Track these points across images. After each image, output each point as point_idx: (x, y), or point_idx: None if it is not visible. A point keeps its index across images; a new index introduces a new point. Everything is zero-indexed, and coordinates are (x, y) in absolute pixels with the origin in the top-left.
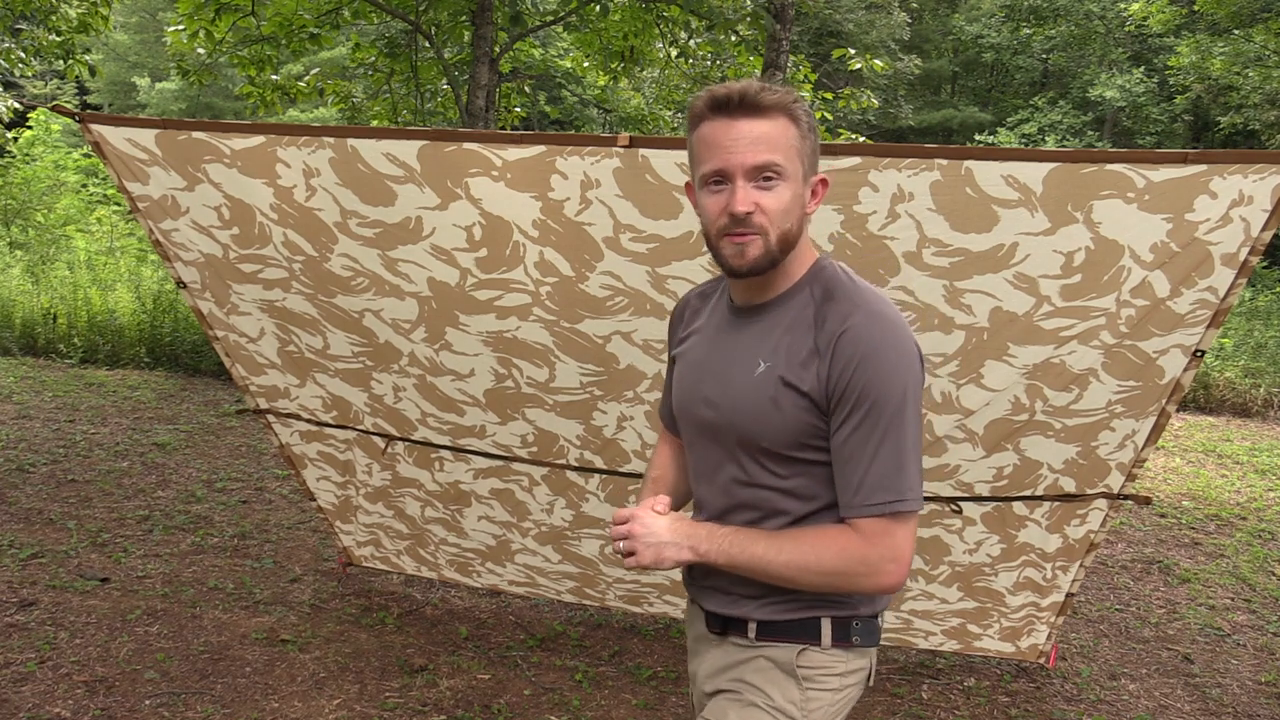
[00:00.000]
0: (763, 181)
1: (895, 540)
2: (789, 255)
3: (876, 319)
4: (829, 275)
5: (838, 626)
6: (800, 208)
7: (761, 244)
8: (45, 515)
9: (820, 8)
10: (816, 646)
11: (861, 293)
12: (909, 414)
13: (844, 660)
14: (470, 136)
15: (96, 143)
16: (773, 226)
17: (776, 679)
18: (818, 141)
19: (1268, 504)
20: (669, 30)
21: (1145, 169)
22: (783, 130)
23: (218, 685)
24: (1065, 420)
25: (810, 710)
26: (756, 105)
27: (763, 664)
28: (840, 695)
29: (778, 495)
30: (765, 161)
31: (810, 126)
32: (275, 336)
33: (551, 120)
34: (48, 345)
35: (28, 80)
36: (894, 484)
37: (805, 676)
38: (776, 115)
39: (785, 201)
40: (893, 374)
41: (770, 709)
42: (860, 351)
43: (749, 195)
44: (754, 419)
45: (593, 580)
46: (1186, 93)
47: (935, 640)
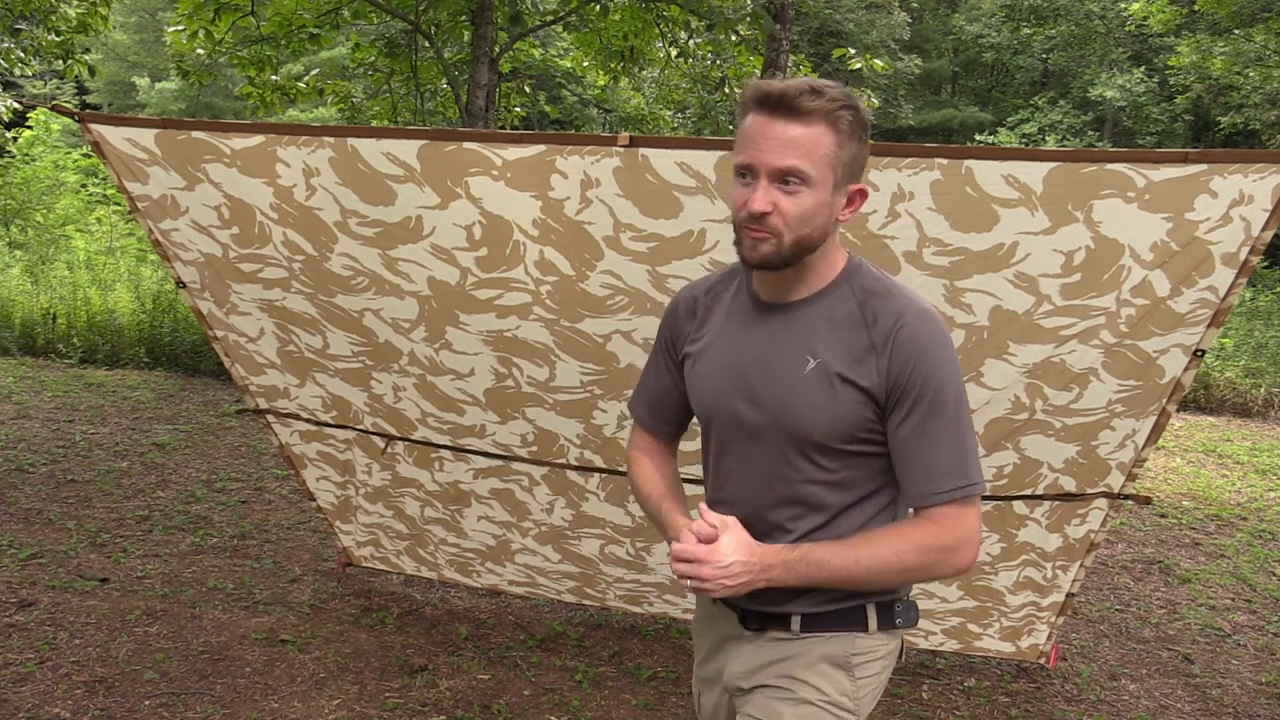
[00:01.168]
0: (785, 185)
1: (967, 523)
2: (812, 256)
3: (926, 316)
4: (866, 274)
5: (882, 611)
6: (824, 215)
7: (774, 245)
8: (45, 515)
9: (820, 8)
10: (864, 633)
11: (904, 290)
12: (963, 399)
13: (885, 643)
14: (470, 136)
15: (96, 142)
16: (788, 230)
17: (827, 672)
18: (862, 149)
19: (1268, 504)
20: (669, 30)
21: (1145, 168)
22: (818, 137)
23: (217, 685)
24: (1065, 419)
25: (861, 698)
26: (795, 109)
27: (812, 658)
28: (882, 677)
29: (822, 489)
30: (790, 166)
31: (854, 134)
32: (275, 336)
33: (551, 120)
34: (47, 345)
35: (27, 80)
36: (962, 469)
37: (856, 665)
38: (815, 121)
39: (805, 208)
40: (949, 367)
41: (825, 704)
42: (919, 346)
43: (769, 196)
44: (809, 415)
45: (593, 580)
46: (1187, 92)
47: (935, 640)
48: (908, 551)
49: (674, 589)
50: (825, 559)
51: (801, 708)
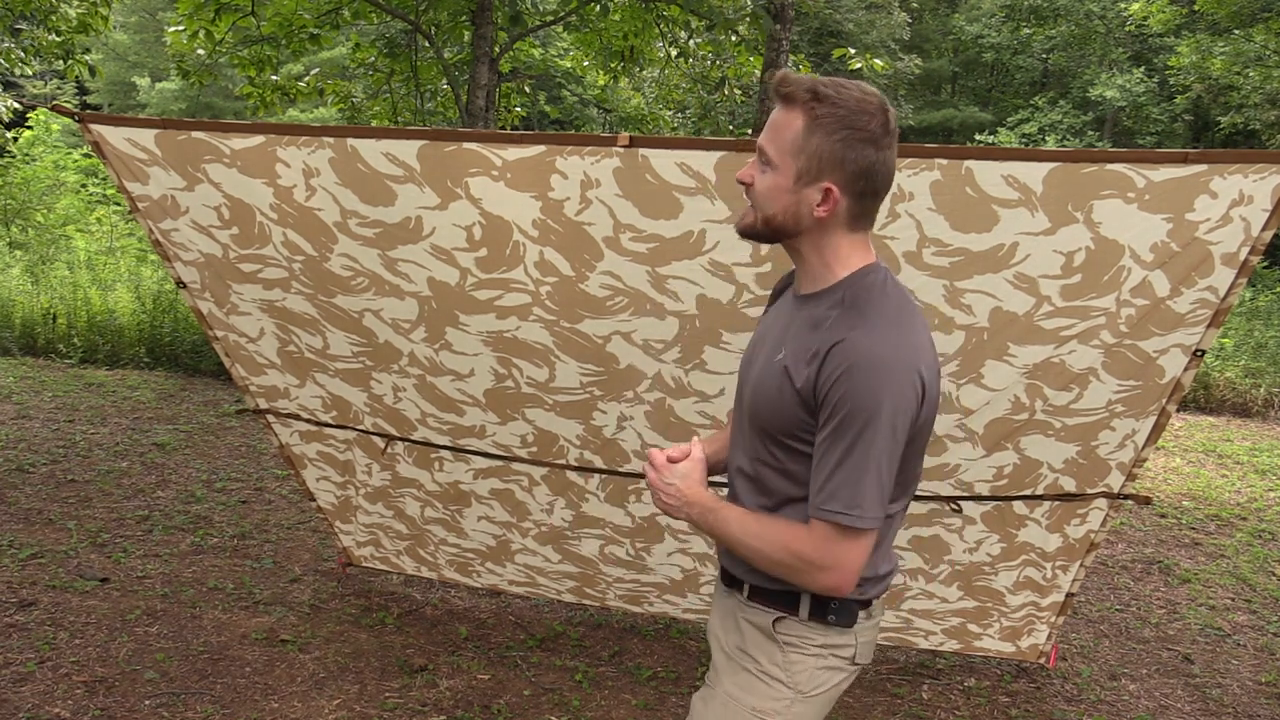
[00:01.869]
0: (759, 163)
1: (838, 550)
2: (803, 248)
3: (875, 337)
4: (863, 284)
5: (816, 603)
6: (785, 201)
7: (752, 216)
8: (45, 515)
9: (820, 8)
10: (795, 617)
11: (877, 308)
12: (880, 433)
13: (822, 633)
14: (470, 136)
15: (96, 143)
16: (758, 206)
17: (761, 643)
18: (850, 149)
19: (1268, 504)
20: (669, 30)
21: (1145, 169)
22: (787, 123)
23: (217, 685)
24: (1065, 420)
25: (794, 671)
26: (780, 94)
27: (749, 628)
28: (825, 663)
29: (773, 474)
30: (759, 145)
31: (826, 128)
32: (275, 336)
33: (551, 120)
34: (47, 345)
35: (28, 80)
36: (846, 496)
37: (786, 642)
38: (792, 108)
39: (765, 187)
40: (870, 391)
41: (758, 672)
42: (846, 363)
43: (750, 170)
44: (763, 404)
45: (593, 580)
46: (1187, 93)
47: (935, 640)
48: (781, 549)
49: (674, 589)
50: (726, 521)
51: (740, 675)
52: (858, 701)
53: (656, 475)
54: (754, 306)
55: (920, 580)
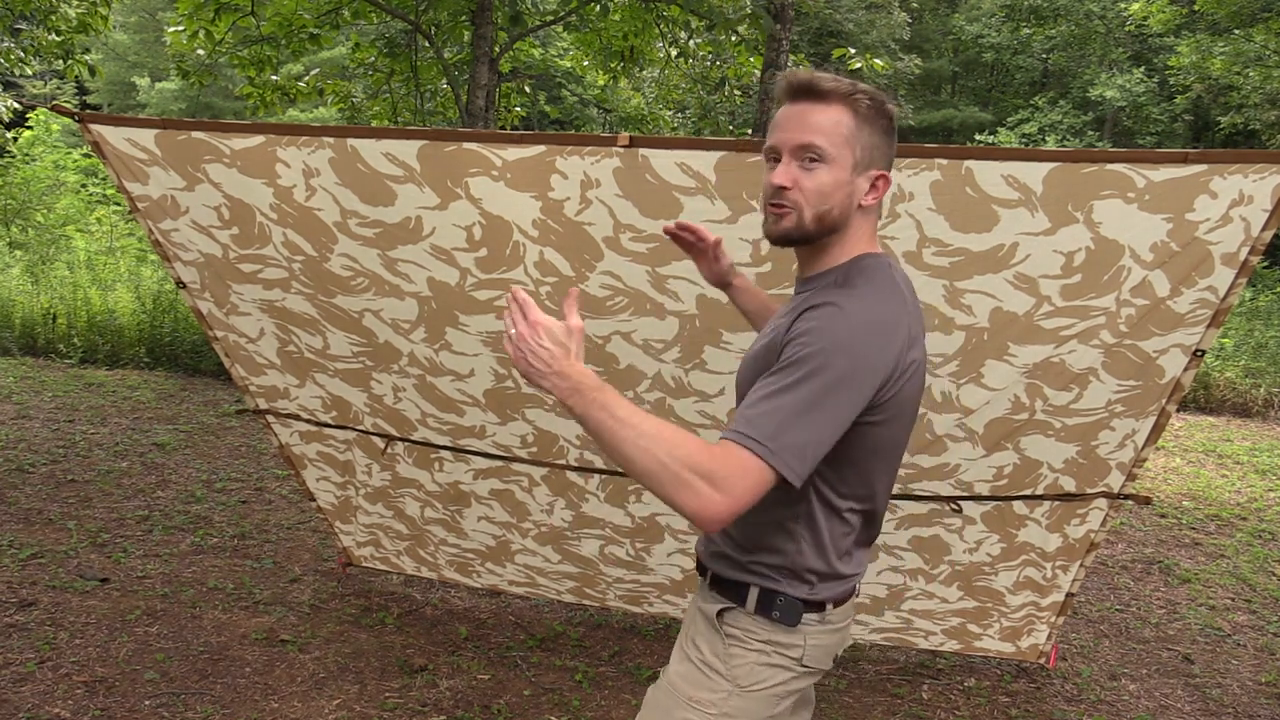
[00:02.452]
0: (806, 162)
1: (732, 476)
2: (831, 237)
3: (845, 308)
4: (858, 268)
5: (763, 597)
6: (843, 194)
7: (794, 219)
8: (45, 515)
9: (820, 8)
10: (741, 609)
11: (860, 290)
12: (826, 383)
13: (768, 629)
14: (470, 136)
15: (96, 143)
16: (808, 205)
17: (706, 633)
18: (885, 139)
19: (1268, 504)
20: (669, 30)
21: (1145, 169)
22: (836, 117)
23: (217, 685)
24: (1065, 419)
25: (733, 665)
26: (815, 91)
27: (699, 617)
28: (768, 659)
29: None
30: (808, 142)
31: (873, 120)
32: (275, 336)
33: (551, 120)
34: (47, 345)
35: (27, 80)
36: (766, 428)
37: (729, 634)
38: (833, 102)
39: (824, 184)
40: (829, 338)
41: (699, 662)
42: (815, 313)
43: (789, 172)
44: (743, 380)
45: (593, 580)
46: (1187, 93)
47: (935, 640)
48: (669, 453)
49: (674, 589)
50: (611, 405)
51: (683, 665)
52: (857, 701)
53: (528, 329)
54: None
55: (920, 580)
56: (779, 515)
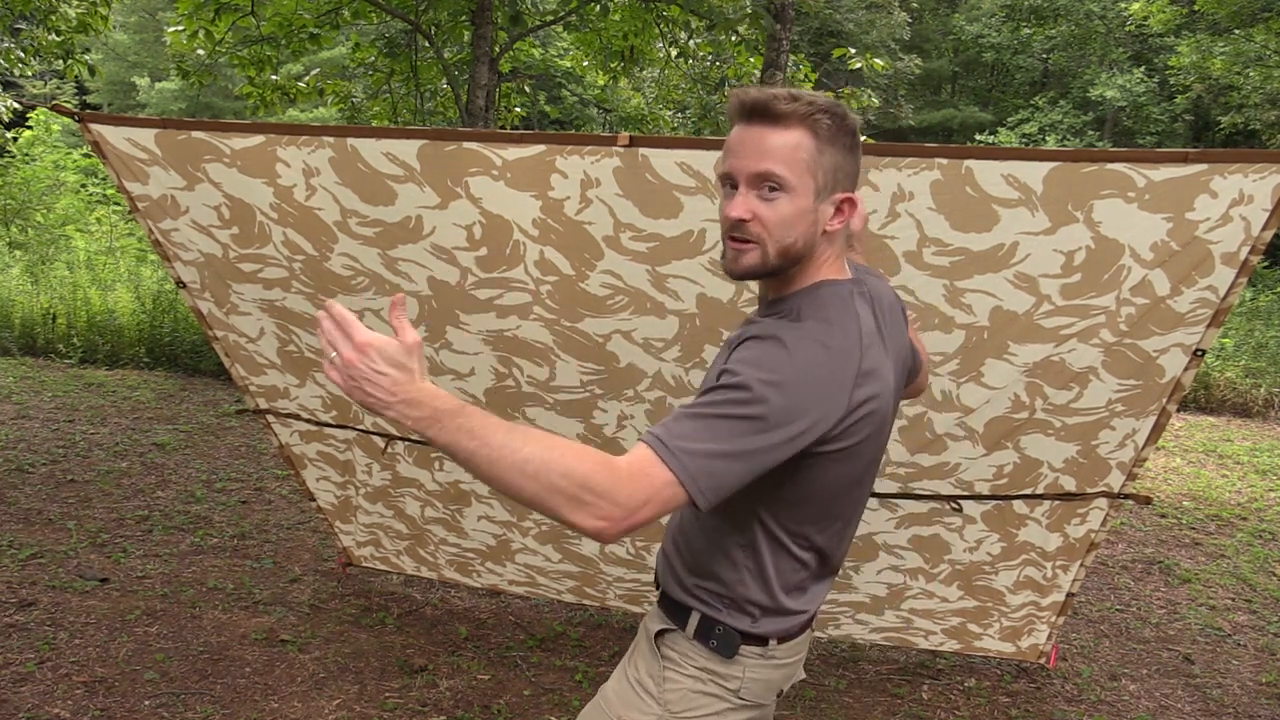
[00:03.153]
0: (765, 191)
1: (630, 478)
2: (795, 268)
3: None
4: (812, 299)
5: (703, 623)
6: (807, 223)
7: (758, 254)
8: (45, 515)
9: (820, 8)
10: (681, 633)
11: (807, 325)
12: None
13: (704, 656)
14: (470, 136)
15: (96, 142)
16: (770, 239)
17: (645, 652)
18: (847, 157)
19: (1268, 504)
20: (669, 30)
21: (1145, 168)
22: (796, 142)
23: (217, 685)
24: (1065, 419)
25: (666, 689)
26: (770, 113)
27: (642, 636)
28: (703, 687)
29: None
30: (764, 170)
31: (835, 140)
32: (275, 336)
33: (551, 120)
34: (47, 345)
35: (27, 80)
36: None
37: (665, 656)
38: (792, 126)
39: (785, 215)
40: (755, 380)
41: (634, 681)
42: (746, 354)
43: (748, 203)
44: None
45: (593, 580)
46: (1187, 92)
47: (935, 640)
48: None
49: None
50: (484, 431)
51: (620, 682)
52: (857, 701)
53: (354, 353)
54: (754, 305)
55: (920, 580)
56: (723, 543)
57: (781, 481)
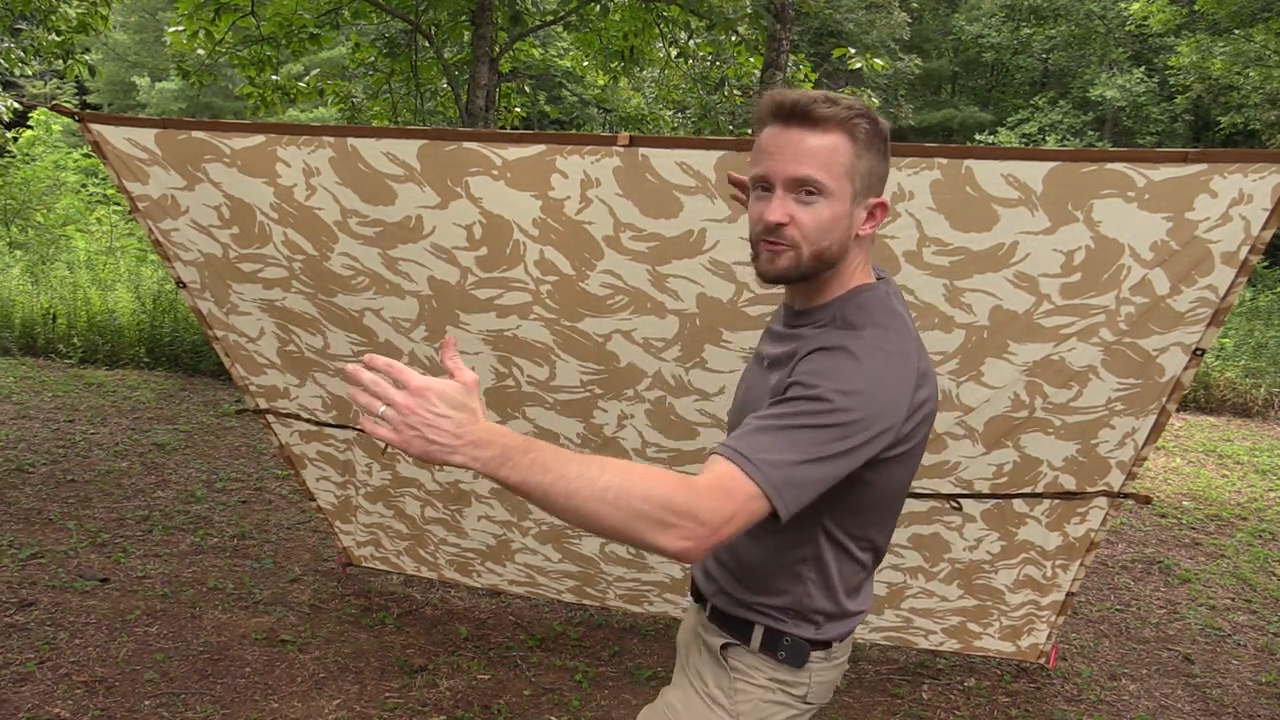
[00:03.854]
0: (803, 195)
1: (714, 498)
2: (829, 272)
3: (857, 354)
4: (857, 305)
5: (768, 636)
6: (843, 228)
7: (793, 257)
8: (45, 515)
9: (820, 8)
10: (745, 646)
11: (866, 332)
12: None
13: (772, 667)
14: (470, 136)
15: (96, 142)
16: (806, 242)
17: (710, 665)
18: (881, 161)
19: (1268, 504)
20: (669, 30)
21: (1145, 168)
22: (834, 146)
23: (217, 685)
24: (1065, 418)
25: (738, 700)
26: (810, 117)
27: (704, 650)
28: (773, 697)
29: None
30: (805, 175)
31: (871, 145)
32: (275, 336)
33: (551, 120)
34: (47, 345)
35: (27, 80)
36: (755, 445)
37: (734, 669)
38: (831, 130)
39: (823, 219)
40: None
41: (703, 694)
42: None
43: (785, 207)
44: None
45: (593, 579)
46: (1187, 92)
47: (935, 639)
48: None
49: (674, 587)
50: (558, 464)
51: (686, 692)
52: (857, 701)
53: (411, 399)
54: (754, 305)
55: (920, 579)
56: (785, 558)
57: (850, 488)
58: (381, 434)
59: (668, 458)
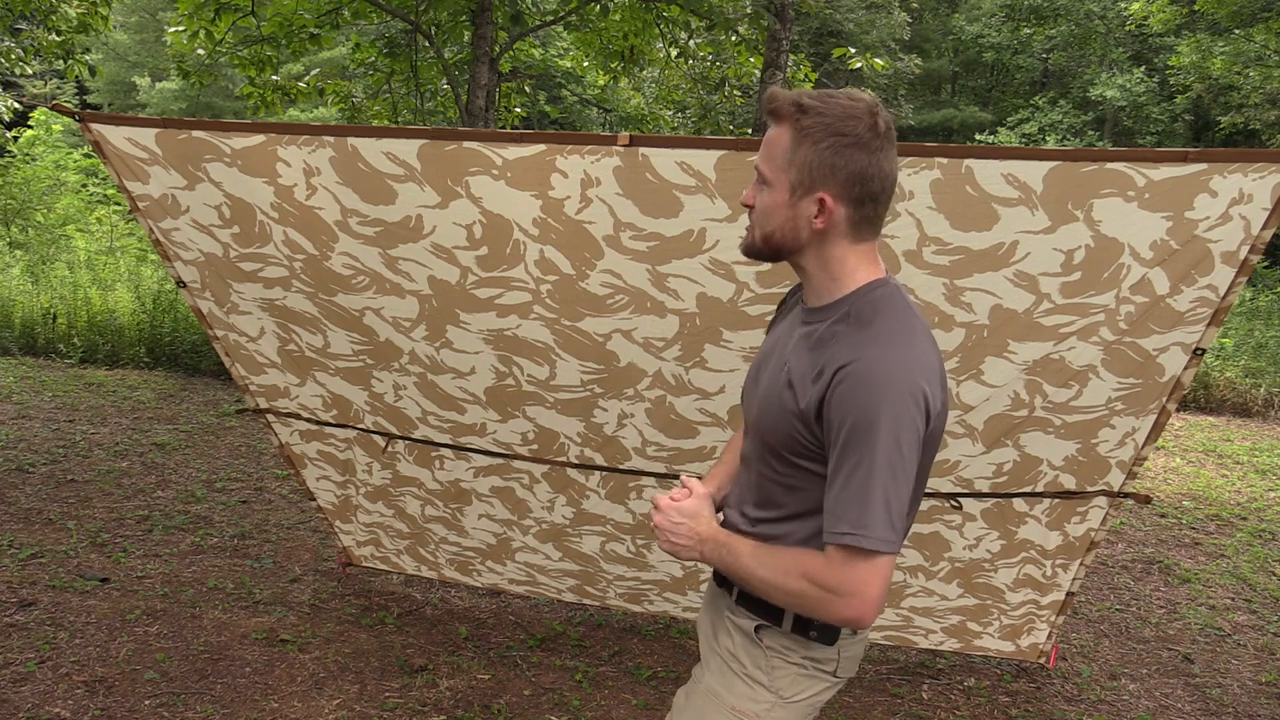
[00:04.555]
0: (759, 183)
1: (855, 574)
2: (805, 264)
3: (879, 354)
4: (868, 300)
5: (799, 619)
6: (782, 216)
7: (749, 237)
8: (45, 515)
9: (820, 7)
10: (778, 628)
11: (883, 325)
12: (884, 451)
13: (803, 646)
14: (470, 135)
15: (96, 142)
16: (757, 225)
17: (747, 647)
18: (838, 155)
19: (1268, 504)
20: (669, 30)
21: (1145, 168)
22: (776, 138)
23: (217, 685)
24: (1065, 417)
25: (776, 676)
26: (769, 111)
27: (736, 631)
28: (807, 671)
29: (779, 489)
30: (756, 163)
31: (816, 137)
32: (275, 335)
33: (551, 120)
34: (47, 345)
35: (28, 80)
36: (853, 517)
37: (769, 648)
38: (779, 123)
39: (765, 205)
40: (874, 409)
41: (742, 674)
42: (850, 382)
43: (750, 192)
44: (768, 418)
45: (593, 579)
46: (1187, 92)
47: (935, 639)
48: (795, 576)
49: (674, 586)
50: (737, 554)
51: (724, 676)
52: (858, 701)
53: (663, 517)
54: (754, 305)
55: (920, 578)
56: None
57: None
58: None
59: (668, 456)
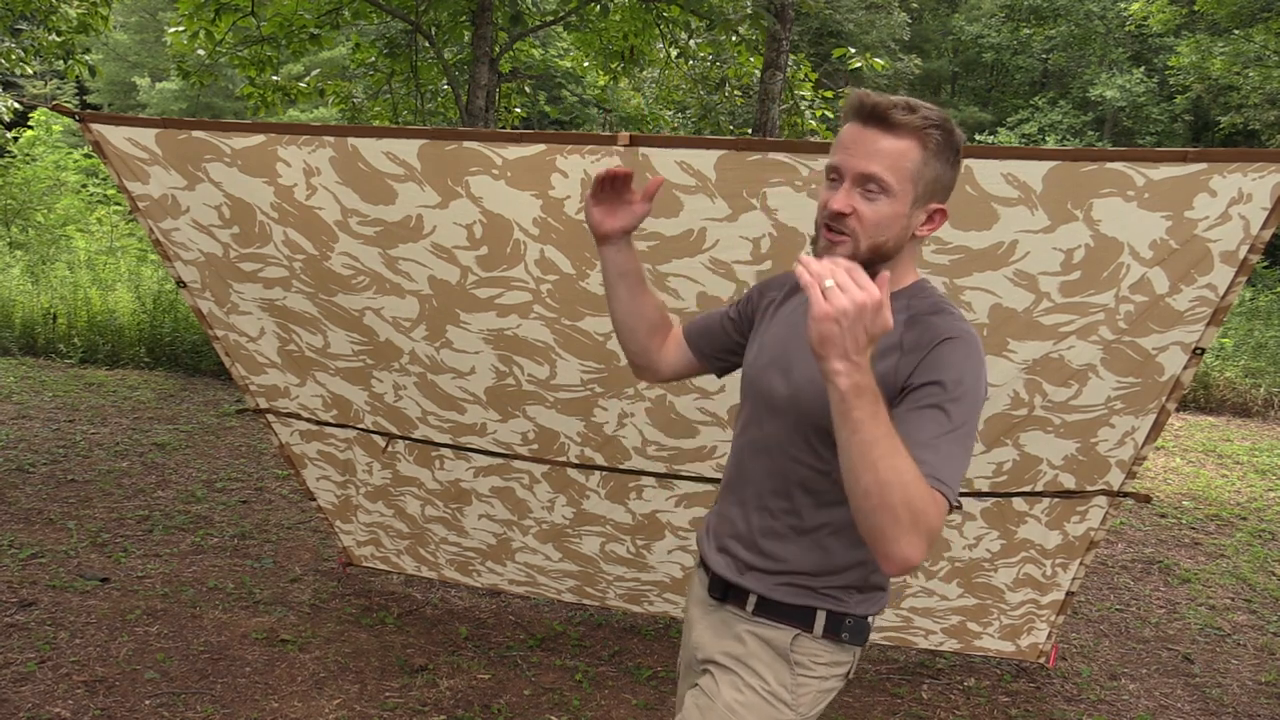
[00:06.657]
0: (868, 190)
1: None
2: (884, 265)
3: (970, 339)
4: (922, 294)
5: (831, 620)
6: (900, 226)
7: (849, 247)
8: (45, 515)
9: (820, 8)
10: (808, 635)
11: (954, 311)
12: (970, 422)
13: (830, 651)
14: (470, 135)
15: (96, 142)
16: (864, 235)
17: (770, 661)
18: (948, 170)
19: (1268, 504)
20: (669, 30)
21: (1145, 167)
22: (904, 151)
23: (218, 685)
24: (1064, 416)
25: (799, 694)
26: (887, 121)
27: (756, 643)
28: (825, 684)
29: (817, 476)
30: (872, 172)
31: (940, 154)
32: (275, 335)
33: (551, 120)
34: (47, 345)
35: (28, 80)
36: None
37: (797, 662)
38: (904, 135)
39: (882, 216)
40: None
41: (766, 693)
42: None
43: (850, 198)
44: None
45: (593, 579)
46: (1186, 93)
47: (935, 639)
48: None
49: (674, 586)
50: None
51: (744, 693)
52: (858, 701)
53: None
54: None
55: (920, 577)
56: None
57: None
58: (814, 294)
59: (668, 456)
